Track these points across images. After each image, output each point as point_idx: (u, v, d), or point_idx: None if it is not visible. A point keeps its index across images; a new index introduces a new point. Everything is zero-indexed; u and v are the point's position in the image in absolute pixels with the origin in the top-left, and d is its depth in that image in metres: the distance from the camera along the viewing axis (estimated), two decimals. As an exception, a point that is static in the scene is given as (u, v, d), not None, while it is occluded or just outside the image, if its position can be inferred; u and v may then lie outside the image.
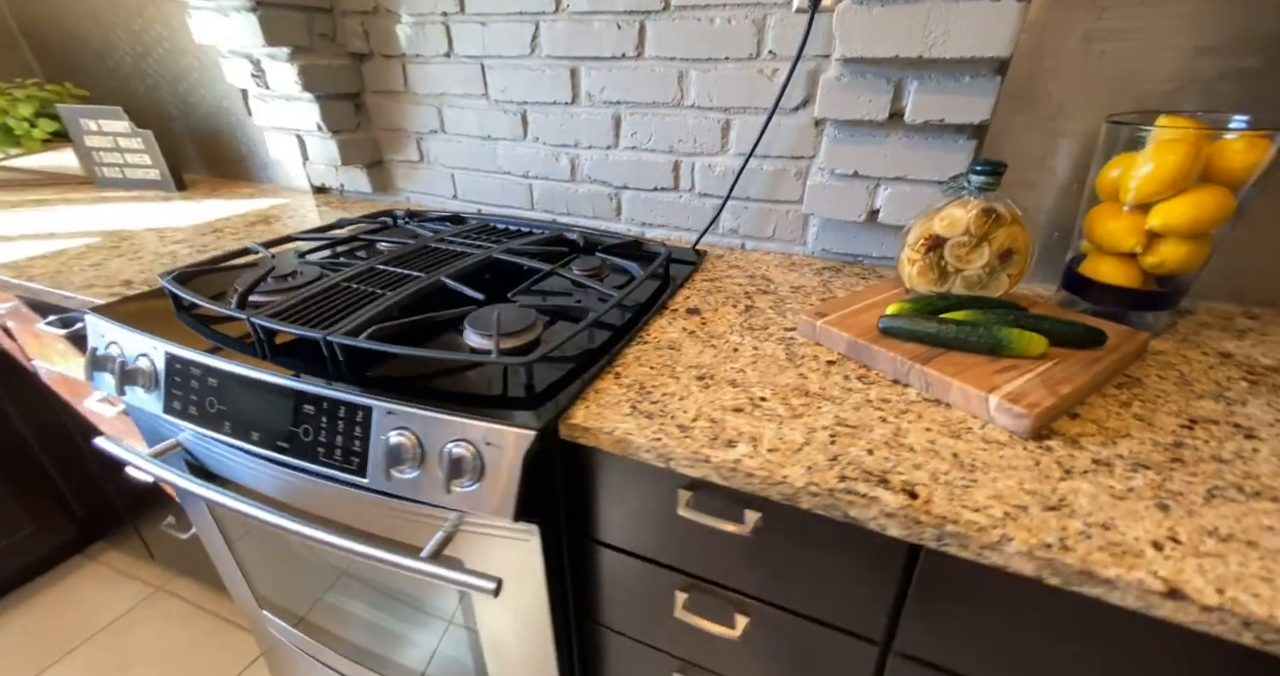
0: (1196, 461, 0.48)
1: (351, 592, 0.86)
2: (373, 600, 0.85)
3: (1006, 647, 0.47)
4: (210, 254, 0.97)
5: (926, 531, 0.42)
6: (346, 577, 0.84)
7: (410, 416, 0.55)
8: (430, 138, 1.20)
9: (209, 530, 0.90)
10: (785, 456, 0.49)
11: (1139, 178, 0.63)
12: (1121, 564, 0.38)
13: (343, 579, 0.85)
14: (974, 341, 0.59)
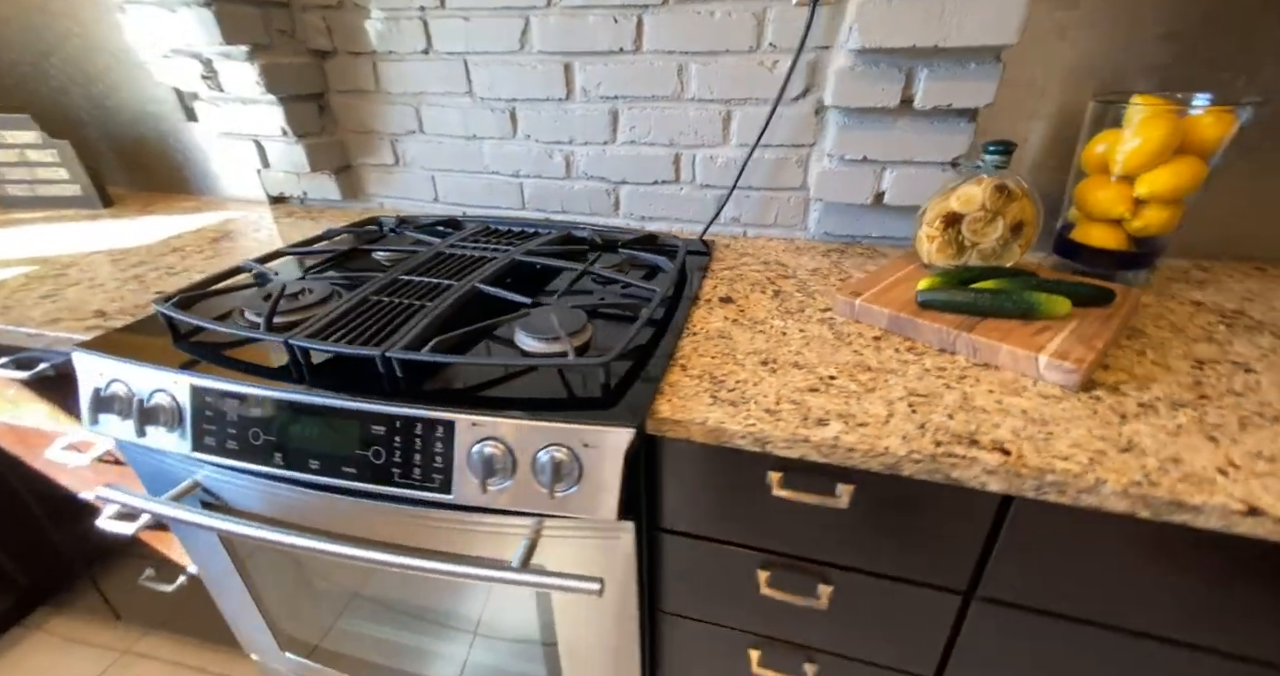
0: (1219, 396, 0.55)
1: (389, 620, 0.82)
2: (415, 626, 0.82)
3: (1086, 579, 0.53)
4: (184, 276, 0.89)
5: (1026, 483, 0.47)
6: (384, 606, 0.81)
7: (498, 426, 0.53)
8: (407, 139, 1.14)
9: (220, 575, 0.83)
10: (877, 429, 0.52)
11: (1126, 151, 0.70)
12: (1202, 491, 0.43)
13: (380, 608, 0.82)
14: (1009, 307, 0.64)
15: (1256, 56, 0.75)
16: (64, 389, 0.80)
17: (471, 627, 0.81)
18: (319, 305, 0.71)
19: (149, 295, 0.82)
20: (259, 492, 0.67)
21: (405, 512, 0.63)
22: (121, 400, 0.63)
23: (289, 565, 0.82)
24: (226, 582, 0.83)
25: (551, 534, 0.61)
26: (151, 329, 0.70)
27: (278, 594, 0.84)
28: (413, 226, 0.99)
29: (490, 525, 0.61)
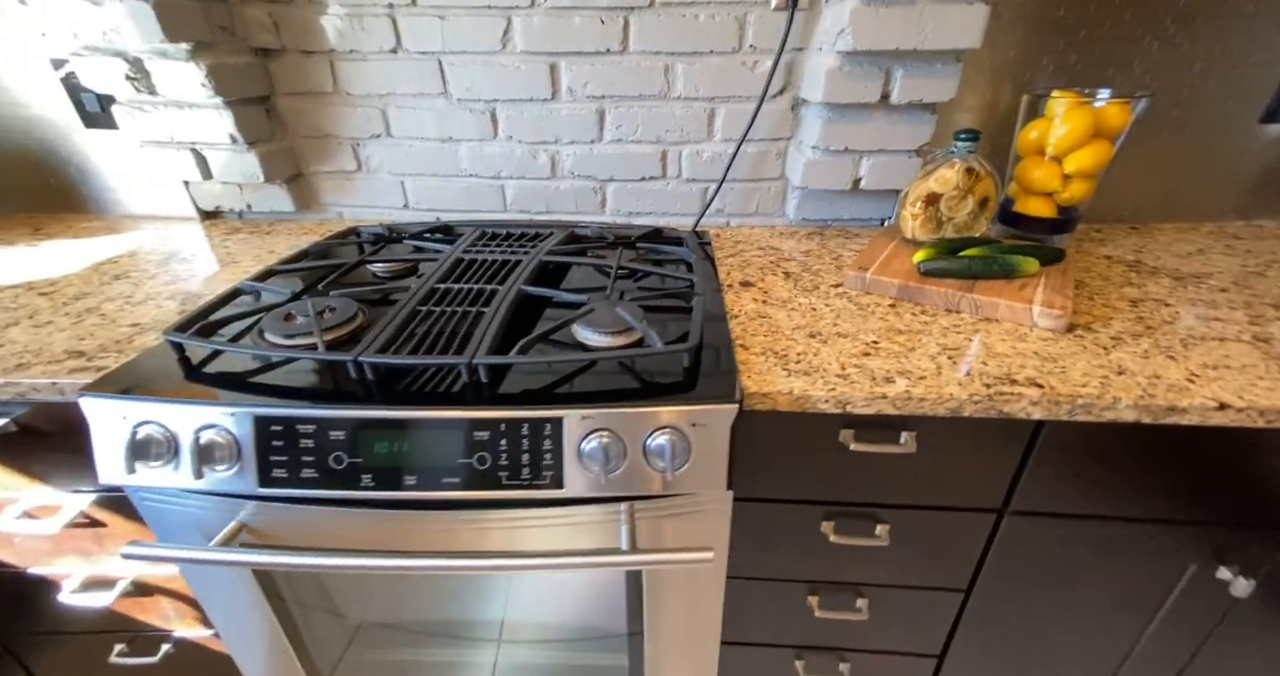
0: (1158, 325, 0.70)
1: (439, 643, 0.81)
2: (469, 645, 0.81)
3: (1098, 480, 0.65)
4: (150, 304, 0.79)
5: (1062, 408, 0.57)
6: (429, 630, 0.79)
7: (608, 417, 0.55)
8: (371, 143, 1.08)
9: (248, 624, 0.75)
10: (935, 380, 0.61)
11: (1056, 136, 0.86)
12: (1185, 396, 0.56)
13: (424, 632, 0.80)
14: (996, 269, 0.77)
15: (1128, 59, 0.93)
16: (27, 445, 0.68)
17: (538, 636, 0.81)
18: (349, 322, 0.67)
19: (123, 329, 0.72)
20: (316, 522, 0.63)
21: (489, 517, 0.63)
22: (161, 443, 0.56)
23: (330, 600, 0.77)
24: (254, 632, 0.76)
25: (644, 516, 0.64)
26: (154, 365, 0.63)
27: (318, 633, 0.79)
28: (405, 235, 0.95)
29: (584, 516, 0.63)
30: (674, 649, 0.76)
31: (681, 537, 0.65)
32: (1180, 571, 0.73)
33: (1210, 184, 1.06)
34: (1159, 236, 1.03)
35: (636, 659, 0.78)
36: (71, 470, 0.70)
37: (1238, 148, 1.02)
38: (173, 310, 0.77)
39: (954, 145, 0.83)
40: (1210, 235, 1.04)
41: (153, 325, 0.73)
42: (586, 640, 0.81)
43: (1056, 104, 0.87)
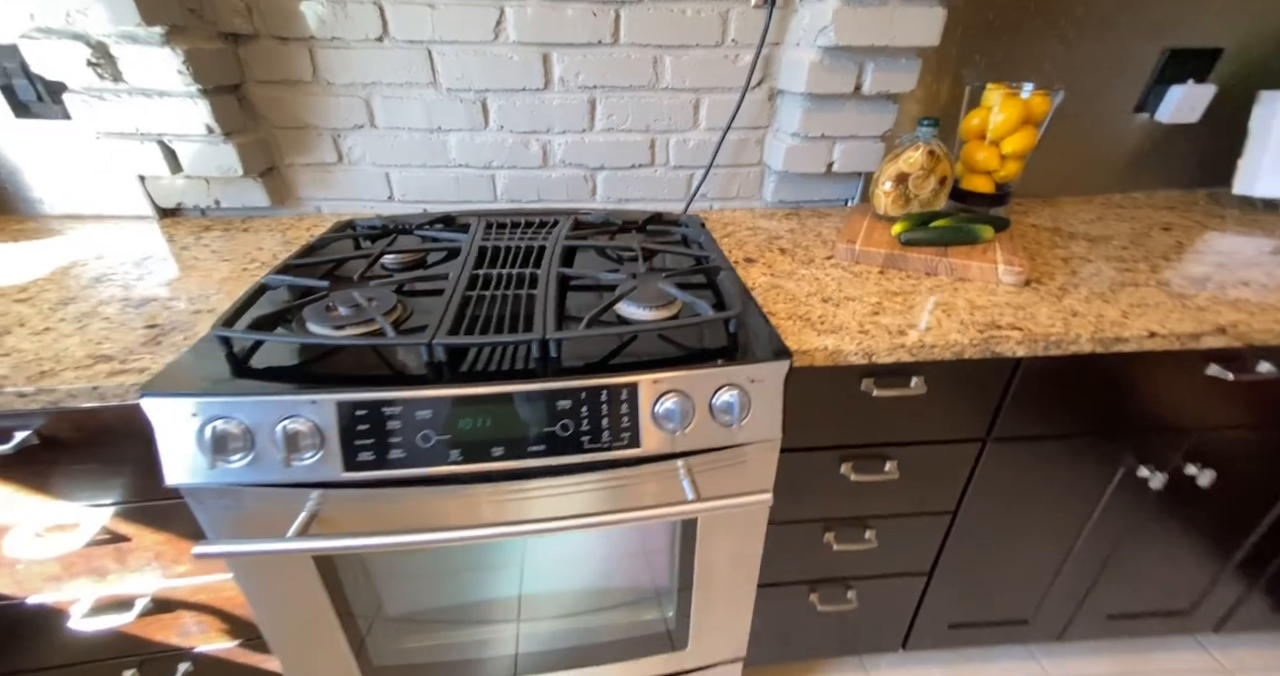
0: (1088, 277, 0.86)
1: (491, 621, 0.84)
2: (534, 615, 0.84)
3: (1056, 405, 0.80)
4: (155, 306, 0.75)
5: (1039, 345, 0.70)
6: (485, 610, 0.82)
7: (678, 380, 0.62)
8: (354, 134, 1.05)
9: (304, 621, 0.75)
10: (939, 329, 0.72)
11: (996, 123, 1.00)
12: (1126, 329, 0.71)
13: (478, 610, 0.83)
14: (962, 237, 0.90)
15: (1041, 58, 1.10)
16: (49, 458, 0.64)
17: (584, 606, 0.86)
18: (392, 311, 0.69)
19: (139, 331, 0.68)
20: (383, 506, 0.64)
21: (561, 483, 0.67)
22: (238, 438, 0.56)
23: (376, 593, 0.78)
24: (308, 628, 0.76)
25: (699, 470, 0.71)
26: (201, 361, 0.61)
27: (370, 624, 0.79)
28: (410, 227, 0.94)
29: (647, 474, 0.68)
30: (718, 597, 0.84)
31: (732, 488, 0.72)
32: (1112, 474, 0.90)
33: (1097, 163, 1.27)
34: (1065, 207, 1.23)
35: (683, 610, 0.85)
36: (94, 482, 0.66)
37: (1116, 133, 1.23)
38: (184, 310, 0.74)
39: (918, 131, 0.95)
40: (1101, 205, 1.25)
41: (173, 325, 0.70)
42: (631, 603, 0.86)
43: (992, 95, 1.02)
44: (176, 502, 0.67)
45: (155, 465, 0.63)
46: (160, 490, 0.66)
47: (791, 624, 1.03)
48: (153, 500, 0.68)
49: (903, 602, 1.04)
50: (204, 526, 0.64)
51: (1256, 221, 1.15)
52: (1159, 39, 1.13)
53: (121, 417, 0.61)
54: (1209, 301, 0.80)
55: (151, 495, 0.67)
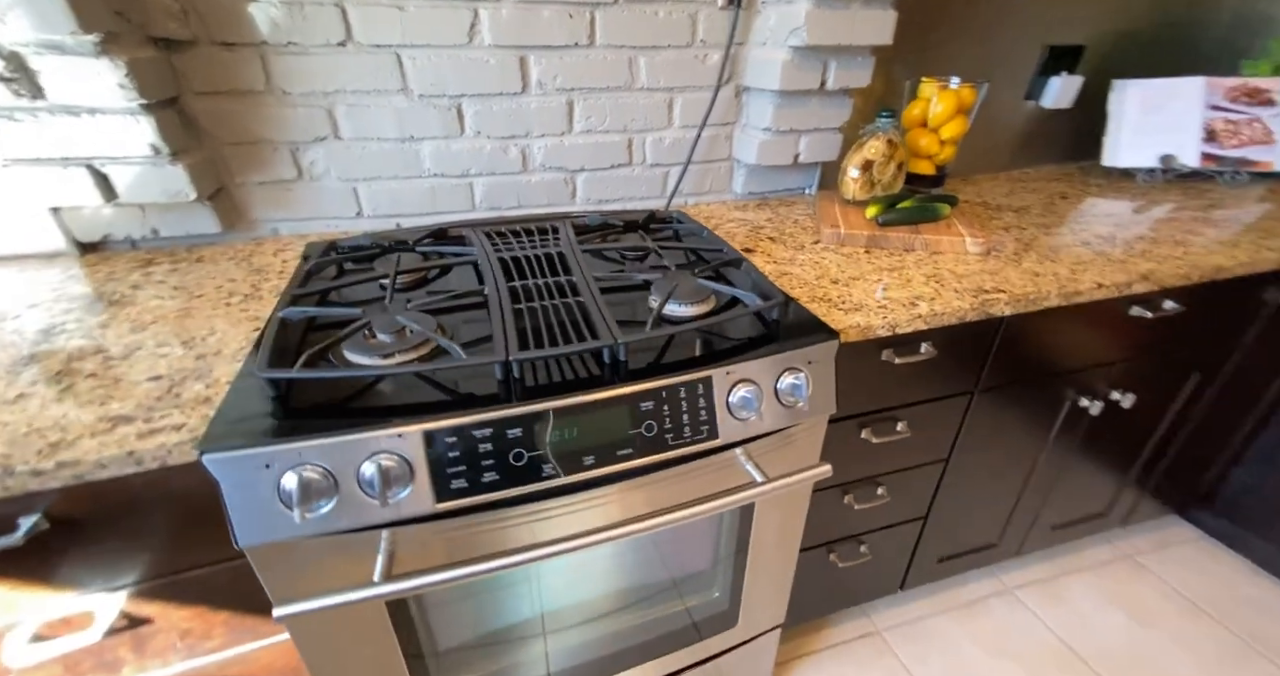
0: (1031, 242, 1.01)
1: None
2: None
3: (1026, 355, 0.93)
4: (152, 355, 0.66)
5: (1022, 304, 0.82)
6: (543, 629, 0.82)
7: (747, 369, 0.65)
8: (315, 147, 0.97)
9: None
10: (941, 299, 0.81)
11: (935, 112, 1.13)
12: (1077, 284, 0.84)
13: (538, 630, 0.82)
14: (928, 215, 1.01)
15: (959, 55, 1.26)
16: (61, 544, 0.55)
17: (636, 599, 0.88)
18: (437, 331, 0.66)
19: (145, 385, 0.60)
20: (454, 534, 0.62)
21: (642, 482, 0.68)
22: (321, 484, 0.51)
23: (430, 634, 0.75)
24: None
25: (756, 453, 0.75)
26: (247, 407, 0.56)
27: (431, 660, 0.76)
28: (409, 245, 0.89)
29: (712, 465, 0.72)
30: (767, 569, 0.89)
31: (788, 465, 0.77)
32: (1061, 407, 1.06)
33: (1000, 145, 1.47)
34: (982, 184, 1.41)
35: (736, 588, 0.89)
36: (114, 562, 0.58)
37: (1012, 118, 1.43)
38: (185, 356, 0.66)
39: (878, 122, 1.06)
40: (1007, 181, 1.44)
41: (183, 374, 0.62)
42: (688, 591, 0.89)
43: (926, 88, 1.15)
44: (217, 569, 0.61)
45: (194, 531, 0.57)
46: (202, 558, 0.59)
47: (812, 585, 1.11)
48: (189, 570, 0.60)
49: (903, 547, 1.16)
50: (267, 586, 0.58)
51: (1123, 187, 1.39)
52: (1041, 38, 1.32)
53: (153, 483, 0.54)
54: (1124, 255, 0.97)
55: (188, 565, 0.60)
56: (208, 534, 0.58)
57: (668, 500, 0.72)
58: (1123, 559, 1.49)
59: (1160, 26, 1.42)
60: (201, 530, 0.58)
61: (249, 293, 0.82)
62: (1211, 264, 0.94)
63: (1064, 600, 1.38)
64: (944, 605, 1.38)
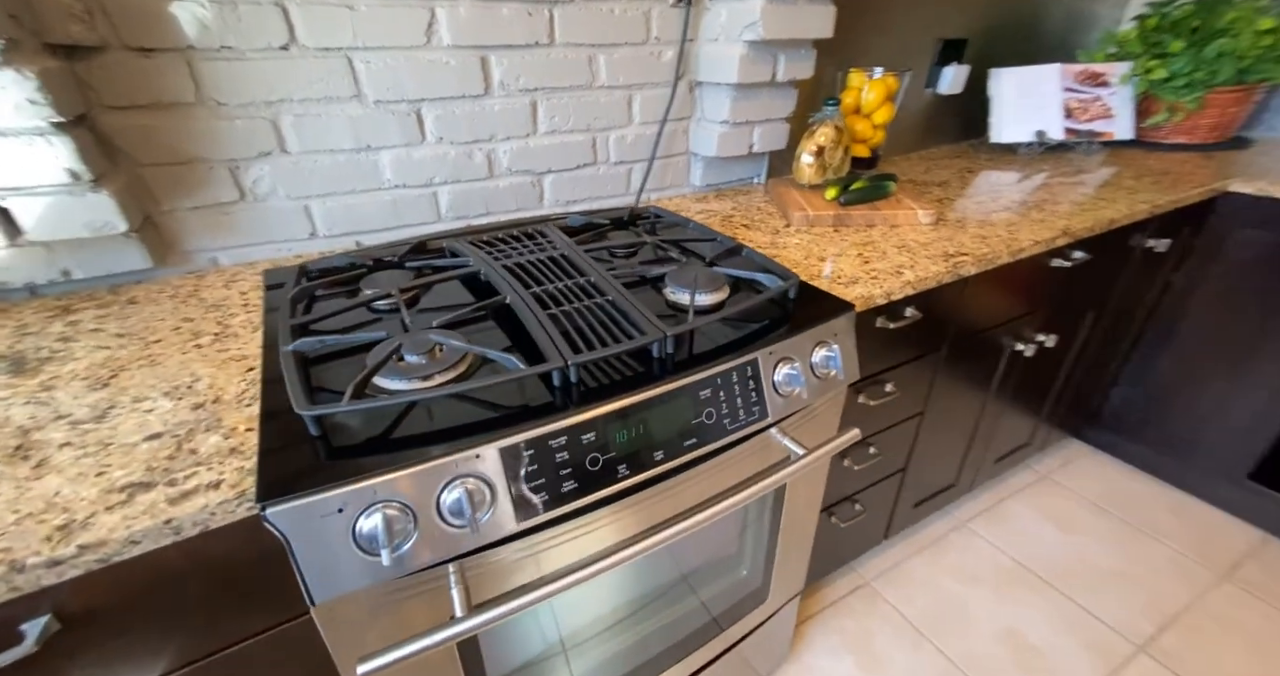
0: (967, 212, 1.13)
1: None
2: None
3: (978, 309, 1.05)
4: (148, 413, 0.56)
5: (983, 263, 0.92)
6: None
7: (789, 346, 0.68)
8: (259, 164, 0.87)
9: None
10: (919, 266, 0.89)
11: (867, 99, 1.23)
12: (1018, 243, 0.96)
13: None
14: (880, 193, 1.10)
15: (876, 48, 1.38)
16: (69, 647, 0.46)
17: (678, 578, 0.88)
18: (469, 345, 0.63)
19: (144, 446, 0.51)
20: (520, 556, 0.60)
21: (697, 472, 0.69)
22: (403, 520, 0.47)
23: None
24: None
25: (790, 427, 0.78)
26: (286, 453, 0.50)
27: None
28: (399, 260, 0.83)
29: (757, 444, 0.74)
30: (793, 539, 0.94)
31: (814, 436, 0.82)
32: (1001, 354, 1.21)
33: (909, 128, 1.63)
34: (902, 164, 1.55)
35: (768, 562, 0.93)
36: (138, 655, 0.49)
37: (918, 104, 1.59)
38: (178, 408, 0.57)
39: (825, 110, 1.13)
40: (919, 160, 1.60)
41: (188, 426, 0.54)
42: (725, 573, 0.91)
43: (855, 78, 1.25)
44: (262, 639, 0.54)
45: (236, 601, 0.50)
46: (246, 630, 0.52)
47: (817, 549, 1.17)
48: (233, 646, 0.53)
49: (887, 499, 1.26)
50: (331, 644, 0.52)
51: (1010, 160, 1.59)
52: (936, 32, 1.48)
53: (190, 553, 0.47)
54: (1041, 215, 1.12)
55: (231, 640, 0.52)
56: (253, 601, 0.51)
57: (719, 486, 0.73)
58: (1041, 479, 1.72)
59: (1016, 23, 1.64)
60: (245, 598, 0.51)
61: (218, 331, 0.72)
62: (1106, 217, 1.11)
63: (1006, 523, 1.56)
64: (915, 548, 1.51)
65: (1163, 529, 1.53)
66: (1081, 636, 1.27)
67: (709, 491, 0.73)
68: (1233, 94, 1.54)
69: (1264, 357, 1.36)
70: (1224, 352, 1.43)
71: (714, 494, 0.73)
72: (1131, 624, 1.30)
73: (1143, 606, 1.33)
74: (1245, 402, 1.42)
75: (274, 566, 0.49)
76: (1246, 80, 1.50)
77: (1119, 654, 1.24)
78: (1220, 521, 1.56)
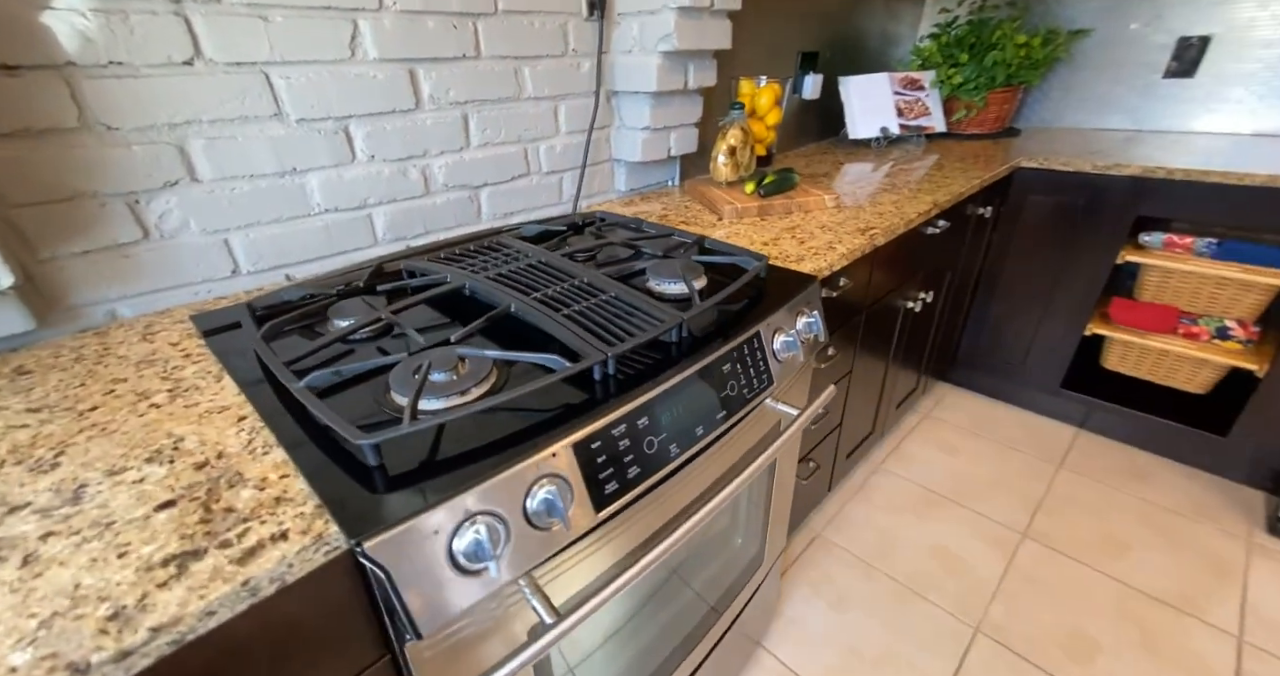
0: (858, 195, 1.32)
1: None
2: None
3: (883, 274, 1.22)
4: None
5: (889, 234, 1.08)
6: None
7: (783, 318, 0.76)
8: (165, 195, 0.76)
9: None
10: (845, 241, 1.03)
11: (760, 104, 1.38)
12: (905, 216, 1.15)
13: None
14: (790, 184, 1.24)
15: (754, 59, 1.54)
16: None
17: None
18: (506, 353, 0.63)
19: (170, 514, 0.44)
20: (603, 537, 0.61)
21: (726, 441, 0.74)
22: (499, 531, 0.46)
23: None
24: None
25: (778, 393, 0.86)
26: (339, 487, 0.46)
27: None
28: (361, 288, 0.77)
29: (756, 414, 0.81)
30: (782, 496, 1.02)
31: (795, 399, 0.90)
32: (899, 313, 1.42)
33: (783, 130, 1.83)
34: (786, 161, 1.75)
35: (764, 524, 1.00)
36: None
37: (789, 108, 1.80)
38: (175, 474, 0.49)
39: (732, 113, 1.25)
40: (796, 157, 1.81)
41: (203, 487, 0.47)
42: (731, 543, 0.97)
43: (745, 85, 1.40)
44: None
45: (309, 655, 0.45)
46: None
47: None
48: None
49: (828, 454, 1.41)
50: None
51: (866, 153, 1.86)
52: (794, 45, 1.70)
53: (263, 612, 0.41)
54: (910, 192, 1.34)
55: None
56: (328, 652, 0.46)
57: (731, 459, 0.78)
58: (925, 418, 2.02)
59: (847, 38, 1.93)
60: (320, 651, 0.45)
61: (170, 388, 0.62)
62: (956, 190, 1.36)
63: (909, 459, 1.82)
64: (849, 495, 1.70)
65: (1014, 439, 1.89)
66: (984, 536, 1.53)
67: (723, 465, 0.78)
68: (1005, 93, 1.95)
69: (1060, 293, 1.74)
70: (1033, 293, 1.80)
71: (729, 467, 0.79)
72: (1013, 517, 1.58)
73: (1017, 502, 1.63)
74: (1051, 330, 1.80)
75: (350, 611, 0.45)
76: (1013, 83, 1.92)
77: (1011, 542, 1.51)
78: (1048, 425, 1.95)
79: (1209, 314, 1.60)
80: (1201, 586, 1.36)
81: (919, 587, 1.39)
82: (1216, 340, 1.59)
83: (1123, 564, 1.43)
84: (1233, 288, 1.54)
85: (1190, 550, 1.46)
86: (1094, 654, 1.22)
